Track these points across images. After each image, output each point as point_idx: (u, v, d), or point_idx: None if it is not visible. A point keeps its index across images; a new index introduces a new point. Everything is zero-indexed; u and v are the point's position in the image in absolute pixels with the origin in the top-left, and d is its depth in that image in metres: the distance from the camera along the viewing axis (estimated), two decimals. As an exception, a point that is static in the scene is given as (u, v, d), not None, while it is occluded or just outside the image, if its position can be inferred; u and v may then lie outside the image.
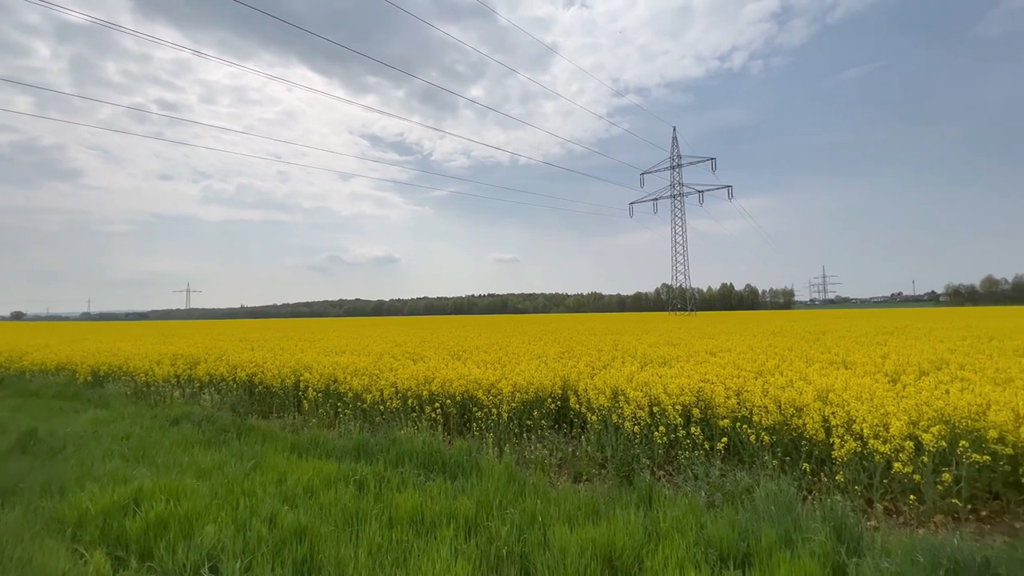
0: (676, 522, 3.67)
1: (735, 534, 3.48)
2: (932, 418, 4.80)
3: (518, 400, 7.09)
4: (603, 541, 3.40)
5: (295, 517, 3.82)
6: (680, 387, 6.37)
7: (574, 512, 4.00)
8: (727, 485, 4.63)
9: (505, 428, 6.75)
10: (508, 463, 5.15)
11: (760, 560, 3.18)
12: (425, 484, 4.73)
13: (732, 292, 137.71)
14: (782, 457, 5.18)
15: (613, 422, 6.05)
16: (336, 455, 5.90)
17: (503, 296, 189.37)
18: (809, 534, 3.41)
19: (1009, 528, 4.19)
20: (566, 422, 7.22)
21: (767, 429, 5.39)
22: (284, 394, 9.40)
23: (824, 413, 5.24)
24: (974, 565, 3.03)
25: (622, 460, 5.57)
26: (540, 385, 7.45)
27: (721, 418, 5.80)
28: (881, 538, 3.57)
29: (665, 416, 5.84)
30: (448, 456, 5.45)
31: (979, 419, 4.71)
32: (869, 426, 4.70)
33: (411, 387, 7.96)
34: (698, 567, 3.06)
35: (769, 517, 3.74)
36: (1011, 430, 4.47)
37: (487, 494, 4.27)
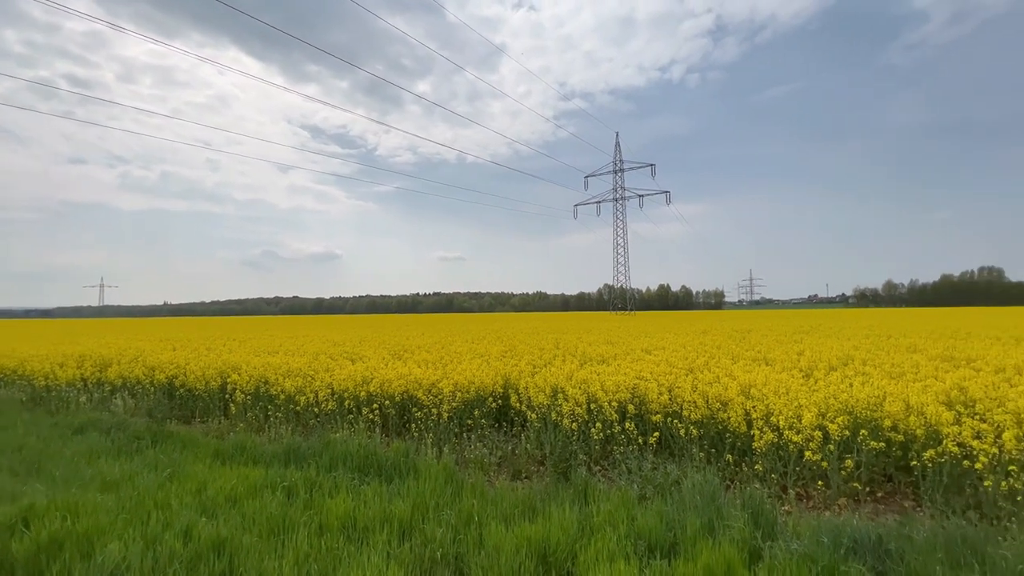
0: (609, 516, 3.78)
1: (663, 525, 3.63)
2: (838, 409, 5.24)
3: (459, 399, 7.04)
4: (538, 538, 3.43)
5: (214, 529, 3.57)
6: (617, 384, 6.57)
7: (511, 510, 4.02)
8: (658, 478, 4.83)
9: (445, 428, 6.68)
10: (446, 463, 5.10)
11: (685, 548, 3.34)
12: (360, 488, 4.59)
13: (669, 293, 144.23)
14: (708, 449, 5.47)
15: (552, 420, 6.14)
16: (264, 461, 5.59)
17: (449, 295, 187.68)
18: (729, 521, 3.61)
19: (900, 507, 4.66)
20: (507, 421, 7.25)
21: (695, 423, 5.67)
22: (209, 397, 8.80)
23: (746, 407, 5.59)
24: (869, 542, 3.33)
25: (560, 457, 5.67)
26: (482, 384, 7.44)
27: (654, 413, 6.04)
28: (793, 522, 3.86)
29: (602, 413, 6.00)
30: (385, 458, 5.31)
31: (876, 410, 5.20)
32: (785, 418, 5.06)
33: (348, 388, 7.70)
34: (627, 559, 3.16)
35: (695, 507, 3.93)
36: (902, 419, 4.97)
37: (423, 496, 4.20)
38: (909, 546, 3.27)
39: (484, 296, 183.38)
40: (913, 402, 5.13)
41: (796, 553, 3.22)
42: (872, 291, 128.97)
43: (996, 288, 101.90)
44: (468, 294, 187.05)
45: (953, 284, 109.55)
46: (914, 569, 3.03)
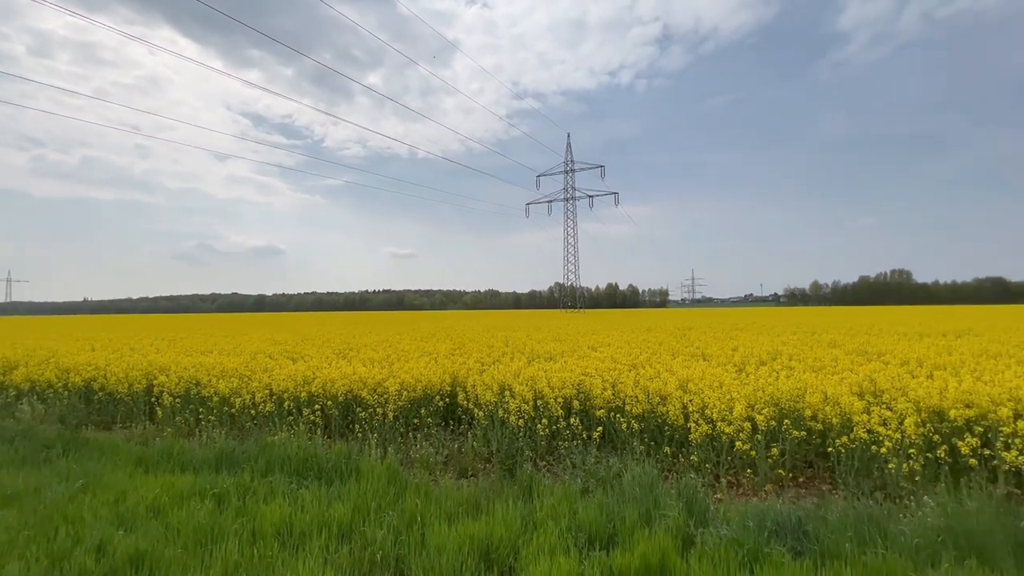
0: (552, 510, 3.84)
1: (603, 517, 3.73)
2: (765, 402, 5.59)
3: (405, 399, 6.94)
4: (481, 535, 3.44)
5: (132, 542, 3.32)
6: (563, 381, 6.69)
7: (455, 509, 4.00)
8: (600, 471, 4.96)
9: (391, 428, 6.56)
10: (390, 464, 5.00)
11: (623, 539, 3.45)
12: (298, 492, 4.41)
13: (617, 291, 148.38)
14: (648, 442, 5.68)
15: (500, 417, 6.17)
16: (193, 467, 5.26)
17: (399, 292, 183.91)
18: (666, 511, 3.77)
19: (818, 491, 5.03)
20: (454, 419, 7.21)
21: (637, 417, 5.87)
22: (132, 401, 8.18)
23: (684, 401, 5.85)
24: (790, 525, 3.57)
25: (507, 454, 5.70)
26: (429, 383, 7.36)
27: (598, 408, 6.19)
28: (724, 509, 4.07)
29: (548, 409, 6.09)
30: (326, 460, 5.14)
31: (799, 401, 5.58)
32: (718, 411, 5.34)
33: (288, 389, 7.39)
34: (568, 551, 3.23)
35: (634, 499, 4.07)
36: (821, 409, 5.37)
37: (365, 498, 4.10)
38: (824, 526, 3.53)
39: (435, 293, 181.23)
40: (830, 393, 5.55)
41: (725, 538, 3.40)
42: (800, 291, 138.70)
43: (905, 289, 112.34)
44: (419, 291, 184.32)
45: (869, 285, 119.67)
46: (827, 547, 3.28)
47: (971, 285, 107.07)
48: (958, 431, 4.78)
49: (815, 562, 3.09)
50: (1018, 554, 3.11)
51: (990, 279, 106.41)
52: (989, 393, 5.14)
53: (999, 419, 4.66)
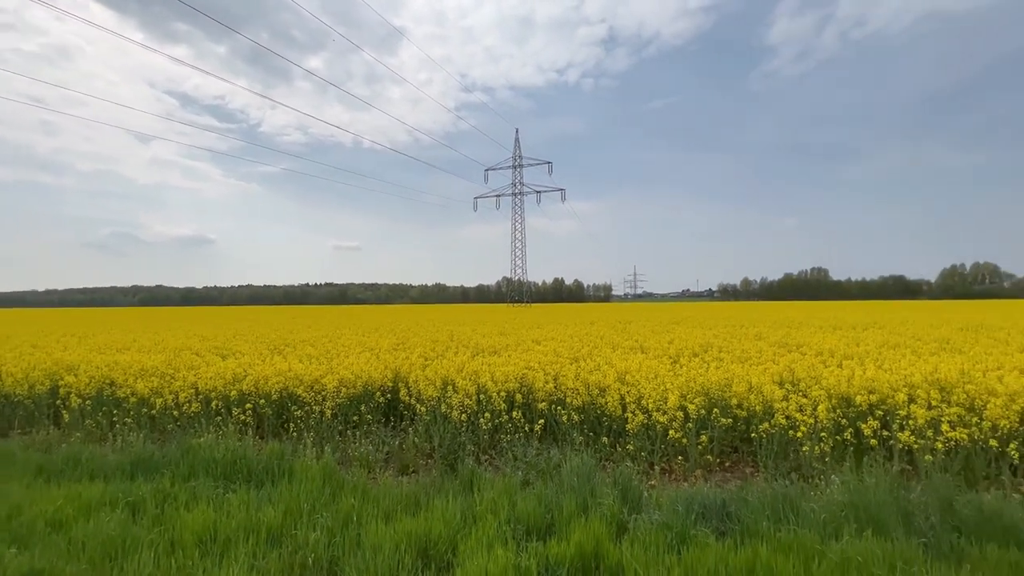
0: (491, 503, 3.86)
1: (542, 508, 3.80)
2: (697, 391, 5.89)
3: (344, 395, 6.73)
4: (420, 532, 3.40)
5: (27, 560, 3.01)
6: (506, 375, 6.73)
7: (394, 507, 3.93)
8: (541, 463, 5.03)
9: (328, 426, 6.34)
10: (327, 463, 4.83)
11: (560, 528, 3.53)
12: (224, 497, 4.17)
13: (563, 286, 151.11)
14: (588, 433, 5.84)
15: (442, 412, 6.12)
16: (105, 475, 4.84)
17: (343, 286, 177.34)
18: (602, 499, 3.89)
19: (742, 474, 5.37)
20: (396, 415, 7.08)
21: (577, 409, 6.01)
22: (34, 404, 7.40)
23: (622, 392, 6.05)
24: (715, 507, 3.79)
25: (449, 449, 5.67)
26: (369, 378, 7.18)
27: (540, 401, 6.28)
28: (656, 495, 4.26)
29: (491, 403, 6.10)
30: (256, 462, 4.89)
31: (726, 390, 5.93)
32: (653, 401, 5.57)
33: (217, 387, 6.96)
34: (506, 543, 3.26)
35: (572, 488, 4.16)
36: (745, 397, 5.73)
37: (298, 500, 3.94)
38: (745, 507, 3.78)
39: (381, 287, 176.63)
40: (754, 383, 5.94)
41: (656, 523, 3.56)
42: (732, 287, 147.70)
43: (822, 285, 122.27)
44: (363, 285, 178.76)
45: (792, 281, 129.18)
46: (747, 526, 3.51)
47: (877, 282, 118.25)
48: (862, 415, 5.26)
49: (736, 541, 3.30)
50: (906, 523, 3.47)
51: (892, 277, 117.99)
52: (888, 380, 5.69)
53: (896, 403, 5.17)
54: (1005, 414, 4.68)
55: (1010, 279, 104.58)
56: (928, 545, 3.22)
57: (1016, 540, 3.22)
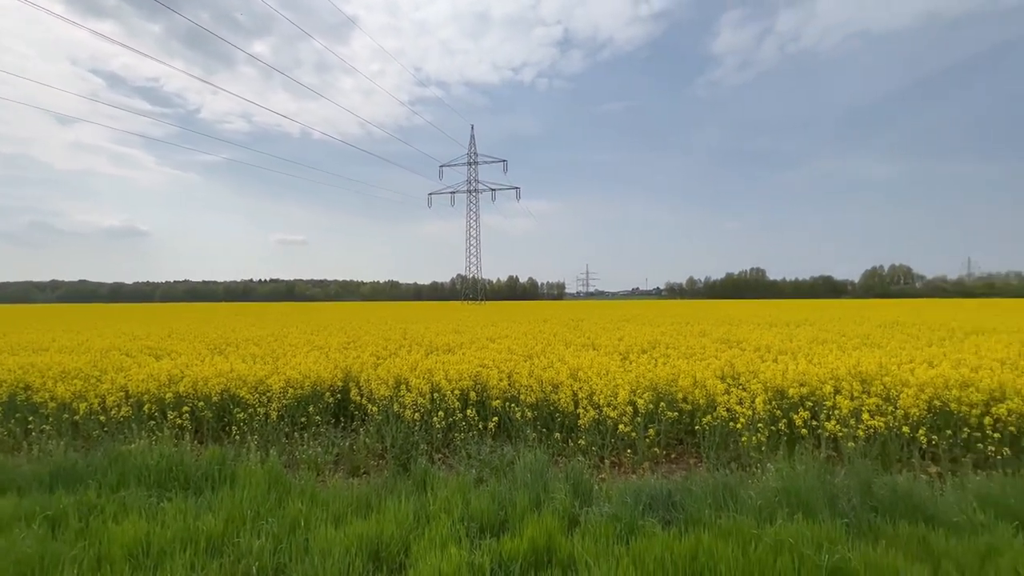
0: (445, 502, 3.85)
1: (496, 505, 3.82)
2: (645, 387, 6.11)
3: (291, 396, 6.49)
4: (371, 534, 3.34)
5: (-74, 585, 2.71)
6: (460, 373, 6.72)
7: (344, 510, 3.84)
8: (495, 460, 5.06)
9: (274, 429, 6.10)
10: (272, 467, 4.65)
11: (513, 524, 3.57)
12: (158, 507, 3.92)
13: (517, 284, 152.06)
14: (541, 429, 5.92)
15: (395, 411, 6.03)
16: (18, 487, 4.43)
17: (289, 282, 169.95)
18: (554, 494, 3.96)
19: (687, 465, 5.62)
20: (346, 416, 6.90)
21: (531, 406, 6.08)
22: (-70, 412, 6.65)
23: (574, 388, 6.18)
24: (662, 497, 3.95)
25: (401, 448, 5.59)
26: (319, 378, 6.97)
27: (494, 399, 6.31)
28: (606, 488, 4.38)
29: (445, 401, 6.07)
30: (194, 469, 4.63)
31: (673, 385, 6.19)
32: (604, 397, 5.73)
33: (150, 390, 6.52)
34: (459, 541, 3.26)
35: (525, 484, 4.22)
36: (690, 392, 5.99)
37: (241, 506, 3.77)
38: (689, 497, 3.96)
39: (330, 284, 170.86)
40: (698, 377, 6.22)
41: (606, 515, 3.67)
42: (679, 285, 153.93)
43: (760, 285, 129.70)
44: (312, 281, 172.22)
45: (733, 280, 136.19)
46: (691, 515, 3.69)
47: (808, 282, 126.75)
48: (794, 406, 5.63)
49: (680, 529, 3.45)
50: (832, 505, 3.76)
51: (822, 277, 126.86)
52: (817, 373, 6.12)
53: (824, 395, 5.57)
54: (915, 403, 5.15)
55: (921, 280, 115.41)
56: (850, 525, 3.50)
57: (923, 516, 3.56)
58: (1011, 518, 3.47)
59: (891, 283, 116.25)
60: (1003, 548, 3.05)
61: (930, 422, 5.22)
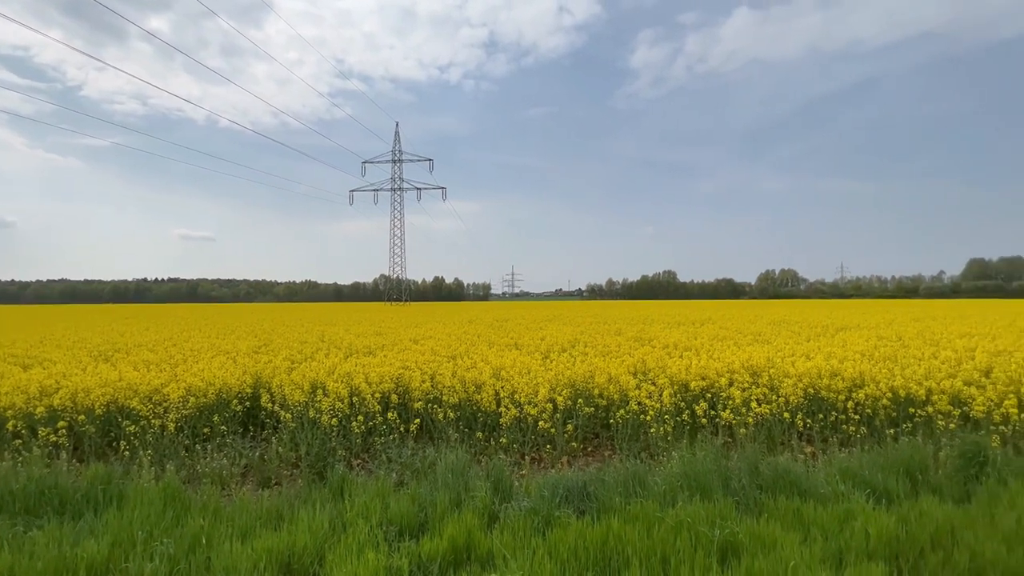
0: (363, 508, 3.76)
1: (416, 507, 3.81)
2: (564, 384, 6.36)
3: (193, 405, 5.98)
4: (282, 547, 3.19)
5: None
6: (381, 375, 6.58)
7: (252, 523, 3.62)
8: (416, 463, 5.03)
9: (172, 441, 5.59)
10: (169, 483, 4.26)
11: (433, 525, 3.58)
12: (26, 536, 3.46)
13: (443, 285, 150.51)
14: (463, 429, 5.96)
15: (310, 417, 5.77)
16: None
17: (193, 281, 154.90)
18: (475, 492, 4.02)
19: (602, 457, 5.93)
20: (256, 424, 6.49)
21: (453, 406, 6.10)
22: None
23: (496, 388, 6.29)
24: (577, 489, 4.15)
25: (317, 456, 5.37)
26: (224, 385, 6.50)
27: (417, 401, 6.26)
28: (526, 483, 4.52)
29: (365, 405, 5.92)
30: (72, 490, 4.13)
31: (589, 381, 6.50)
32: (525, 395, 5.89)
33: (16, 404, 5.72)
34: (377, 547, 3.22)
35: (446, 485, 4.24)
36: (606, 388, 6.33)
37: (130, 528, 3.43)
38: (602, 486, 4.20)
39: (240, 284, 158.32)
40: (613, 374, 6.59)
41: (525, 509, 3.79)
42: (599, 286, 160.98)
43: (671, 286, 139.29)
44: (219, 281, 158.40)
45: (648, 282, 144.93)
46: (603, 503, 3.91)
47: (712, 284, 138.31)
48: (696, 398, 6.14)
49: (593, 517, 3.66)
50: (725, 486, 4.16)
51: (725, 280, 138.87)
52: (716, 367, 6.72)
53: (720, 387, 6.14)
54: (795, 391, 5.84)
55: (805, 283, 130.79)
56: (739, 502, 3.91)
57: (798, 491, 4.06)
58: (865, 487, 4.05)
59: (781, 285, 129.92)
60: (858, 513, 3.56)
61: (806, 408, 5.93)
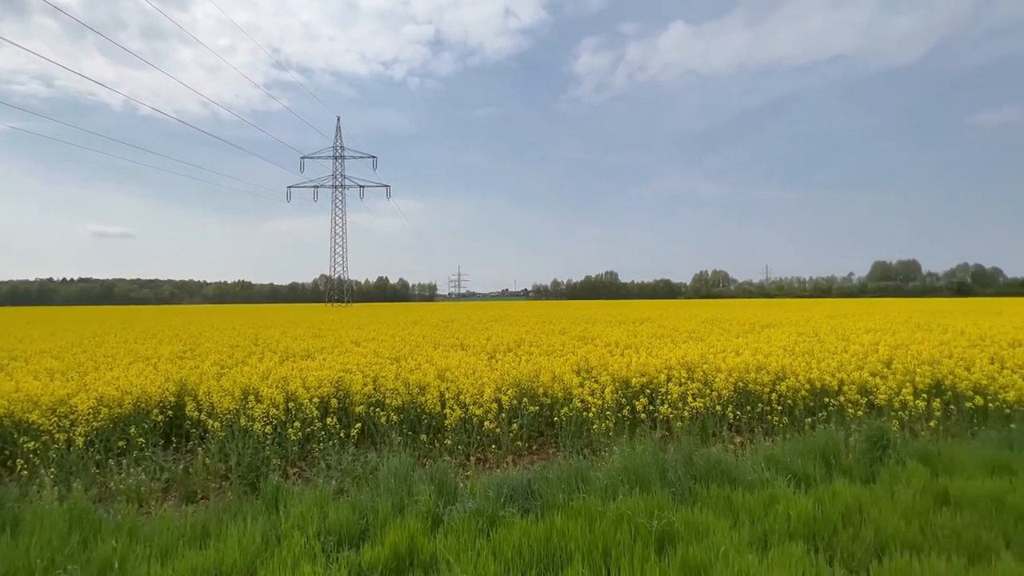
0: (299, 519, 3.59)
1: (356, 515, 3.67)
2: (510, 384, 6.39)
3: (105, 416, 5.48)
4: (208, 565, 2.98)
5: None
6: (320, 379, 6.32)
7: (174, 542, 3.36)
8: (357, 469, 4.87)
9: (81, 457, 5.09)
10: (76, 503, 3.87)
11: (374, 532, 3.47)
12: None
13: (387, 285, 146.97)
14: (407, 432, 5.84)
15: (242, 425, 5.44)
16: None
17: (108, 281, 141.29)
18: (418, 496, 3.94)
19: (547, 455, 6.01)
20: (180, 435, 6.04)
21: (396, 409, 5.97)
22: None
23: (441, 389, 6.21)
24: (521, 487, 4.17)
25: (249, 466, 5.08)
26: (144, 393, 6.01)
27: (358, 404, 6.06)
28: (471, 484, 4.48)
29: (302, 411, 5.66)
30: (-45, 518, 3.65)
31: (534, 380, 6.57)
32: (470, 396, 5.85)
33: None
34: (314, 558, 3.08)
35: (388, 490, 4.13)
36: (550, 386, 6.42)
37: (27, 555, 3.07)
38: (546, 484, 4.25)
39: (163, 284, 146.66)
40: (557, 372, 6.69)
41: (469, 511, 3.76)
42: (544, 287, 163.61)
43: (613, 287, 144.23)
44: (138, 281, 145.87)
45: (592, 283, 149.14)
46: (547, 500, 3.96)
47: (651, 284, 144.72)
48: (636, 394, 6.37)
49: (537, 515, 3.69)
50: (662, 478, 4.34)
51: (663, 280, 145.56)
52: (654, 364, 7.00)
53: (659, 383, 6.39)
54: (726, 385, 6.19)
55: (735, 283, 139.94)
56: (675, 493, 4.08)
57: (728, 479, 4.30)
58: (787, 473, 4.36)
59: (713, 285, 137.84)
60: (780, 497, 3.82)
61: (736, 400, 6.30)
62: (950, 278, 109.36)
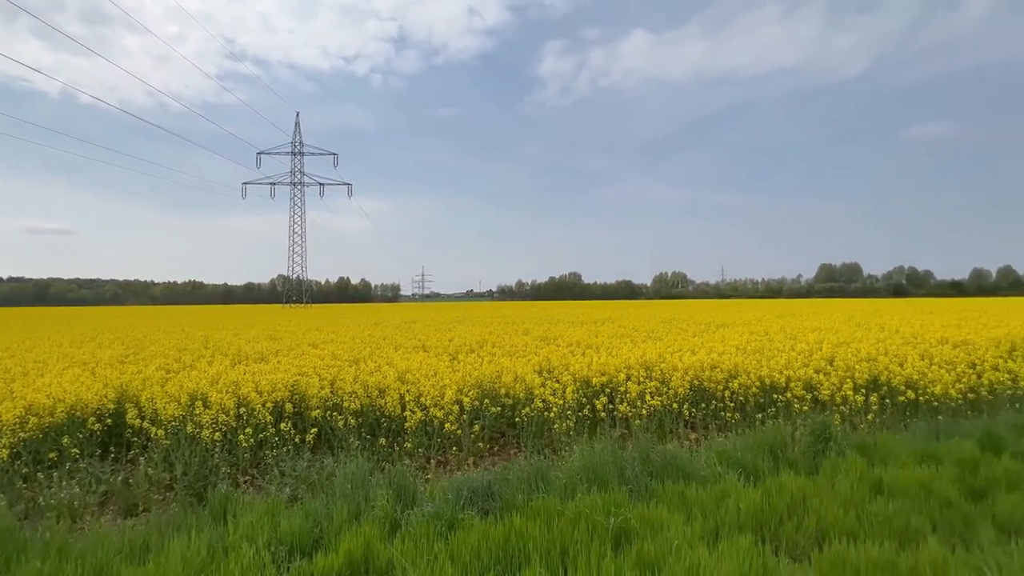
0: (249, 529, 3.45)
1: (310, 523, 3.56)
2: (472, 385, 6.35)
3: (34, 426, 5.11)
4: (148, 582, 2.82)
5: None
6: (274, 383, 6.10)
7: (110, 559, 3.15)
8: (313, 475, 4.72)
9: (6, 470, 4.73)
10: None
11: (328, 540, 3.37)
12: None
13: (349, 286, 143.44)
14: (365, 436, 5.71)
15: (188, 433, 5.18)
16: None
17: (43, 281, 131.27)
18: (375, 501, 3.86)
19: (508, 456, 6.01)
20: (120, 444, 5.69)
21: (355, 413, 5.82)
22: None
23: (401, 391, 6.11)
24: (481, 489, 4.15)
25: (196, 475, 4.85)
26: (79, 401, 5.64)
27: (314, 409, 5.88)
28: (431, 487, 4.43)
29: (254, 416, 5.44)
30: None
31: (496, 381, 6.56)
32: (431, 398, 5.79)
33: None
34: (263, 569, 2.96)
35: (344, 496, 4.02)
36: (512, 387, 6.43)
37: (-61, 581, 2.82)
38: (506, 485, 4.25)
39: (105, 284, 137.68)
40: (519, 373, 6.71)
41: (428, 515, 3.71)
42: (509, 287, 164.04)
43: (576, 287, 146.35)
44: (77, 281, 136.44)
45: (555, 283, 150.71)
46: (507, 501, 3.96)
47: (613, 286, 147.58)
48: (596, 393, 6.46)
49: (496, 516, 3.68)
50: (620, 476, 4.42)
51: (624, 281, 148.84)
52: (615, 364, 7.13)
53: (618, 382, 6.51)
54: (682, 383, 6.38)
55: (692, 284, 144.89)
56: (632, 490, 4.16)
57: (683, 475, 4.42)
58: (738, 467, 4.53)
59: (672, 286, 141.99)
60: (731, 491, 3.97)
61: (691, 398, 6.50)
62: (888, 280, 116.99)
